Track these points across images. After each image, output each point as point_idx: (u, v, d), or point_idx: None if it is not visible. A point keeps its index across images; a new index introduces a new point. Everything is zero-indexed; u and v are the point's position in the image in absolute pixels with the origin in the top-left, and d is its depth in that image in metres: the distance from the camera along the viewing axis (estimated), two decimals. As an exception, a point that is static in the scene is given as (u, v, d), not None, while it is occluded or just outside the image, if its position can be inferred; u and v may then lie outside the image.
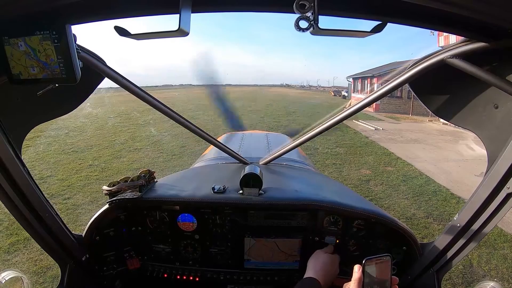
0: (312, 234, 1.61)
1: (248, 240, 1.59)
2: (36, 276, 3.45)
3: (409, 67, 1.15)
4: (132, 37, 0.86)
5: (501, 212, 1.07)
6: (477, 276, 3.60)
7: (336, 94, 37.89)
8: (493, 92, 1.00)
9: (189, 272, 1.69)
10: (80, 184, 6.42)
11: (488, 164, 1.07)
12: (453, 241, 1.25)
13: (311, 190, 1.75)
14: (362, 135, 12.37)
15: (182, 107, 12.28)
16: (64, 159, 8.28)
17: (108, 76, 1.27)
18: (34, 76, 0.85)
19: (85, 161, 8.12)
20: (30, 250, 3.90)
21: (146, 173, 1.68)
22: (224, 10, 0.87)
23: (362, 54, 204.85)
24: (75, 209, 5.21)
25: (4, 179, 1.02)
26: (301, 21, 0.74)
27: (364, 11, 0.81)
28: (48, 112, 1.24)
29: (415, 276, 1.47)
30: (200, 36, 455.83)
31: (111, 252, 1.63)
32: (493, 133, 1.05)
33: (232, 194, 1.58)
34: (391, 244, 1.55)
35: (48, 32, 0.80)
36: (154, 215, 1.62)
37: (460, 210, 1.21)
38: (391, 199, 5.78)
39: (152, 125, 12.96)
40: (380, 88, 1.34)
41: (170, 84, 70.16)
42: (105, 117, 14.87)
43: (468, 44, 0.91)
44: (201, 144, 7.21)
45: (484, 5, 0.65)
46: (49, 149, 9.15)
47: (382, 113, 20.54)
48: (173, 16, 0.80)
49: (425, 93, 1.21)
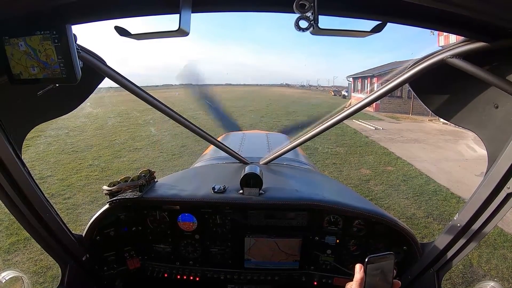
0: (312, 234, 1.61)
1: (248, 240, 1.60)
2: (36, 276, 3.45)
3: (409, 66, 1.15)
4: (132, 37, 0.86)
5: (501, 212, 1.07)
6: (477, 276, 3.59)
7: (336, 94, 37.83)
8: (493, 92, 1.00)
9: (189, 272, 1.69)
10: (80, 184, 6.41)
11: (488, 164, 1.07)
12: (453, 241, 1.25)
13: (311, 190, 1.76)
14: (362, 135, 12.35)
15: (183, 106, 12.25)
16: (64, 159, 8.28)
17: (108, 76, 1.27)
18: (34, 76, 0.85)
19: (85, 161, 8.12)
20: (30, 250, 3.89)
21: (146, 173, 1.68)
22: (224, 10, 0.87)
23: (362, 54, 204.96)
24: (75, 209, 5.20)
25: (4, 179, 1.02)
26: (301, 21, 0.74)
27: (364, 11, 0.81)
28: (48, 112, 1.24)
29: (415, 276, 1.47)
30: (200, 36, 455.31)
31: (111, 252, 1.63)
32: (493, 133, 1.05)
33: (232, 194, 1.58)
34: (391, 243, 1.55)
35: (48, 32, 0.80)
36: (154, 215, 1.62)
37: (460, 210, 1.21)
38: (391, 199, 5.78)
39: (152, 125, 12.95)
40: (380, 87, 1.34)
41: (170, 84, 70.20)
42: (105, 117, 14.86)
43: (468, 44, 0.91)
44: (201, 143, 7.21)
45: (484, 5, 0.65)
46: (49, 149, 9.15)
47: (382, 113, 20.51)
48: (173, 16, 0.80)
49: (425, 92, 1.21)
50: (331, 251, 1.63)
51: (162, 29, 0.80)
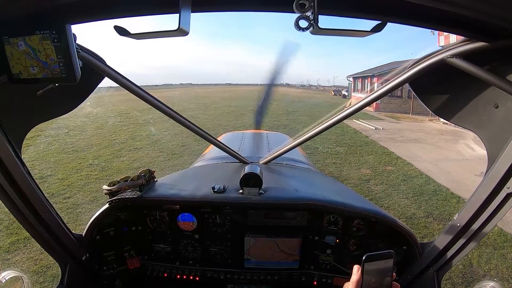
0: (312, 234, 1.61)
1: (248, 240, 1.60)
2: (36, 276, 3.45)
3: (409, 66, 1.15)
4: (132, 36, 0.85)
5: (501, 212, 1.07)
6: (477, 276, 3.60)
7: (336, 94, 37.84)
8: (493, 92, 0.99)
9: (189, 272, 1.69)
10: (80, 183, 6.41)
11: (488, 164, 1.07)
12: (453, 240, 1.25)
13: (311, 189, 1.75)
14: (362, 135, 12.35)
15: (183, 106, 12.24)
16: (64, 158, 8.27)
17: (108, 76, 1.27)
18: (34, 75, 0.85)
19: (85, 161, 8.11)
20: (30, 250, 3.90)
21: (146, 172, 1.68)
22: (224, 10, 0.87)
23: (362, 54, 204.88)
24: (75, 209, 5.20)
25: (4, 178, 1.02)
26: (301, 21, 0.74)
27: (364, 10, 0.81)
28: (48, 111, 1.24)
29: (415, 276, 1.47)
30: (200, 36, 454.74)
31: (111, 251, 1.63)
32: (493, 133, 1.05)
33: (232, 193, 1.58)
34: (391, 243, 1.55)
35: (48, 31, 0.80)
36: (154, 214, 1.62)
37: (460, 209, 1.21)
38: (391, 199, 5.78)
39: (152, 124, 12.94)
40: (380, 87, 1.34)
41: (170, 83, 70.24)
42: (105, 116, 14.85)
43: (468, 43, 0.91)
44: (201, 143, 7.21)
45: (484, 5, 0.65)
46: (49, 148, 9.14)
47: (382, 113, 20.52)
48: (173, 16, 0.80)
49: (425, 92, 1.21)
50: (331, 251, 1.63)
51: (161, 28, 0.80)
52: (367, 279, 0.90)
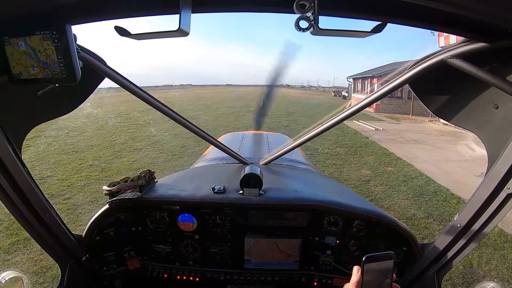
0: (312, 234, 1.61)
1: (248, 240, 1.59)
2: (36, 276, 3.44)
3: (409, 67, 1.15)
4: (132, 37, 0.86)
5: (501, 212, 1.07)
6: (477, 277, 3.59)
7: (336, 95, 37.87)
8: (493, 92, 1.00)
9: (189, 272, 1.69)
10: (80, 184, 6.41)
11: (488, 165, 1.07)
12: (453, 241, 1.25)
13: (311, 190, 1.75)
14: (362, 135, 12.34)
15: (183, 107, 12.26)
16: (64, 159, 8.27)
17: (108, 76, 1.27)
18: (34, 76, 0.85)
19: (85, 161, 8.11)
20: (30, 250, 3.89)
21: (146, 173, 1.68)
22: (224, 10, 0.87)
23: (362, 55, 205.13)
24: (75, 209, 5.20)
25: (4, 179, 1.02)
26: (301, 21, 0.74)
27: (364, 11, 0.81)
28: (48, 112, 1.24)
29: (415, 277, 1.47)
30: (200, 36, 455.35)
31: (111, 252, 1.63)
32: (493, 133, 1.05)
33: (232, 194, 1.58)
34: (391, 244, 1.55)
35: (48, 32, 0.80)
36: (154, 215, 1.62)
37: (460, 210, 1.21)
38: (391, 200, 5.77)
39: (152, 125, 12.95)
40: (380, 88, 1.34)
41: (170, 84, 70.34)
42: (105, 117, 14.85)
43: (468, 44, 0.91)
44: (201, 144, 7.21)
45: (484, 5, 0.65)
46: (49, 149, 9.14)
47: (382, 114, 20.51)
48: (173, 16, 0.80)
49: (425, 93, 1.21)
50: (331, 252, 1.63)
51: (162, 29, 0.80)
52: (367, 280, 0.90)
